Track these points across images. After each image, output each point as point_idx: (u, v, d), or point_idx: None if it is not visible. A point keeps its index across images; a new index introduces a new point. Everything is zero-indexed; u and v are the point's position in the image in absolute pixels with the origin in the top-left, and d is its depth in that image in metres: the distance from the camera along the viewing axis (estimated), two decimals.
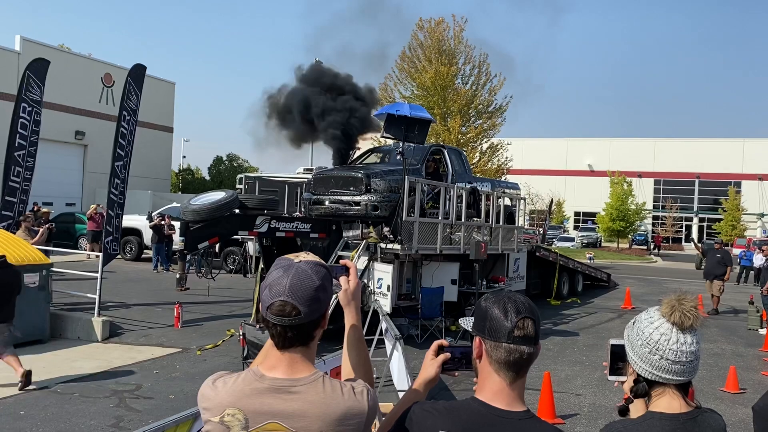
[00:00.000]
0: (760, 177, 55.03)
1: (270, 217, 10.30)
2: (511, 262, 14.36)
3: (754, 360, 10.69)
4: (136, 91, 11.73)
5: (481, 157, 26.88)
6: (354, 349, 1.88)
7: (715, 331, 13.11)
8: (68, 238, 22.21)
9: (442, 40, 26.16)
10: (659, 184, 59.31)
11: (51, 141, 29.90)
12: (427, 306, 10.98)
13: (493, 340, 1.65)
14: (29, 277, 9.61)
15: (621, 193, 45.94)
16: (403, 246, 10.26)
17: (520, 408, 1.65)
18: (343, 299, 1.88)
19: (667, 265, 35.71)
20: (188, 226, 9.53)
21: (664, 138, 60.73)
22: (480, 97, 26.70)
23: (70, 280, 12.73)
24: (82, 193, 32.73)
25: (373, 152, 14.04)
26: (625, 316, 14.63)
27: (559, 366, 9.52)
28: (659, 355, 1.78)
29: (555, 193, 53.98)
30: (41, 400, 7.08)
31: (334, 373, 4.59)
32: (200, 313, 12.25)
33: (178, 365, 8.83)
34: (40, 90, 13.12)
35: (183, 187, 48.05)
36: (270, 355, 1.67)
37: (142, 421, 6.24)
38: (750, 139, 57.33)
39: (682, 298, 1.81)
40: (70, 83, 30.90)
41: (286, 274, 1.61)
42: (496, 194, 13.72)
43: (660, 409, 1.80)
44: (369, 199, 10.76)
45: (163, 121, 38.01)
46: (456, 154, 13.86)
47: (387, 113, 10.95)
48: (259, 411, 1.58)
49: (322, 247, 11.39)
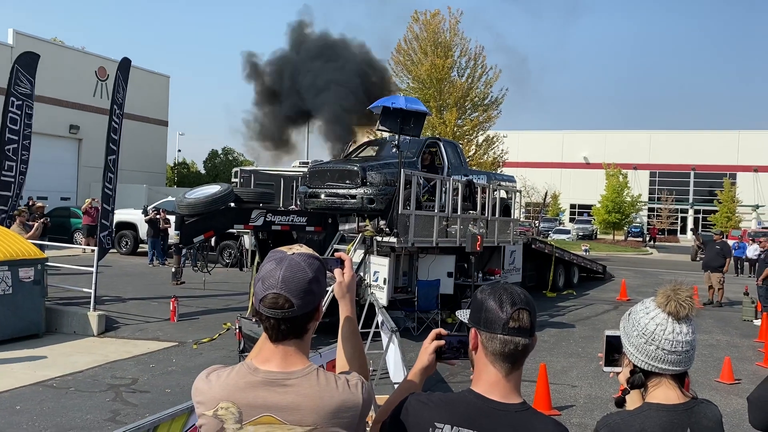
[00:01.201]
0: (755, 168, 55.17)
1: (266, 210, 10.27)
2: (507, 255, 14.38)
3: (748, 351, 10.73)
4: (123, 84, 11.70)
5: (476, 149, 26.84)
6: (349, 342, 1.87)
7: (710, 322, 13.16)
8: (63, 232, 22.13)
9: (437, 33, 26.07)
10: (655, 176, 59.41)
11: (45, 135, 29.75)
12: (424, 299, 11.00)
13: (488, 332, 1.64)
14: (24, 272, 9.58)
15: (617, 185, 46.03)
16: (399, 239, 10.26)
17: (516, 400, 1.65)
18: (338, 292, 1.87)
19: (662, 257, 35.82)
20: (183, 220, 9.50)
21: (659, 130, 60.87)
22: (476, 89, 26.64)
23: (65, 275, 12.70)
24: (77, 188, 32.57)
25: (369, 145, 14.01)
26: (620, 308, 14.68)
27: (554, 358, 9.55)
28: (655, 346, 1.78)
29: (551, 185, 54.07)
30: (37, 395, 7.07)
31: (330, 365, 4.58)
32: (196, 307, 12.24)
33: (174, 359, 8.82)
34: (31, 84, 13.05)
35: (178, 180, 47.91)
36: (264, 348, 1.66)
37: (139, 415, 6.23)
38: (745, 131, 57.46)
39: (677, 288, 1.81)
40: (64, 77, 30.72)
41: (279, 266, 1.60)
42: (492, 187, 13.73)
43: (656, 399, 1.80)
44: (365, 193, 10.75)
45: (158, 115, 37.84)
46: (452, 146, 13.84)
47: (383, 106, 10.93)
48: (252, 404, 1.57)
49: (318, 240, 11.38)
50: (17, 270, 9.52)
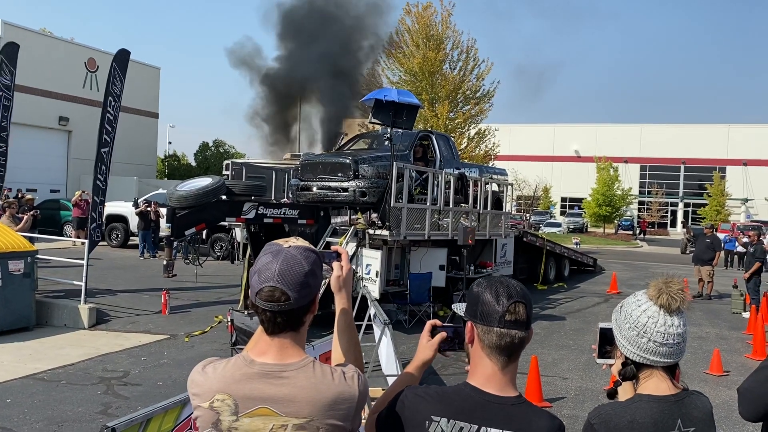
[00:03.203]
0: (744, 162, 55.54)
1: (257, 203, 10.25)
2: (498, 248, 14.43)
3: (737, 343, 10.84)
4: (121, 76, 11.58)
5: (468, 142, 26.86)
6: (344, 335, 1.87)
7: (700, 315, 13.27)
8: (53, 224, 22.01)
9: (429, 25, 26.00)
10: (645, 170, 59.69)
11: (34, 127, 29.53)
12: (416, 291, 11.02)
13: (484, 325, 1.65)
14: (14, 265, 9.52)
15: (607, 178, 46.23)
16: (392, 232, 10.26)
17: (512, 393, 1.65)
18: (335, 285, 1.86)
19: (652, 250, 36.04)
20: (175, 213, 9.45)
21: (650, 124, 61.11)
22: (468, 82, 26.63)
23: (55, 267, 12.63)
24: (67, 180, 32.34)
25: (361, 138, 13.98)
26: (611, 301, 14.78)
27: (546, 350, 9.61)
28: (647, 338, 1.80)
29: (542, 178, 54.26)
30: (28, 388, 7.04)
31: (323, 358, 4.59)
32: (188, 300, 12.21)
33: (165, 352, 8.80)
34: (12, 75, 12.91)
35: (169, 173, 47.67)
36: (260, 340, 1.66)
37: (130, 408, 6.22)
38: (735, 125, 57.75)
39: (668, 281, 1.83)
40: (52, 68, 30.44)
41: (275, 259, 1.60)
42: (484, 180, 13.75)
43: (648, 391, 1.81)
44: (357, 185, 10.74)
45: (148, 107, 37.60)
46: (444, 139, 13.84)
47: (375, 99, 10.90)
48: (249, 396, 1.57)
49: (310, 233, 11.36)
50: (7, 263, 9.46)
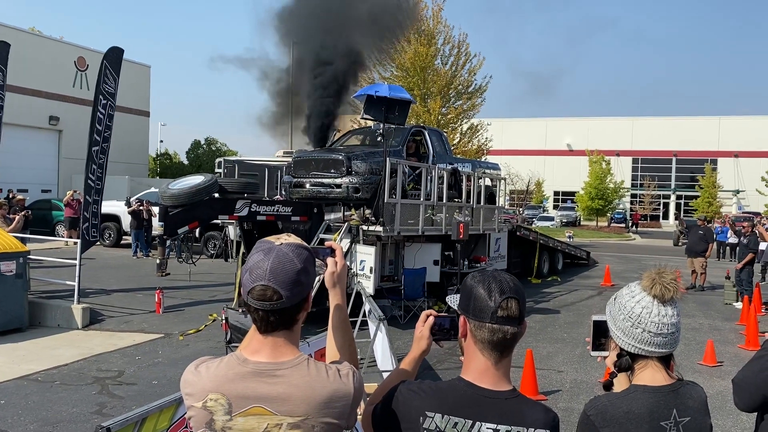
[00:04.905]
0: (735, 154, 55.78)
1: (250, 200, 10.22)
2: (492, 242, 14.45)
3: (730, 333, 10.90)
4: (113, 74, 11.48)
5: (461, 137, 26.86)
6: (339, 331, 1.86)
7: (693, 306, 13.34)
8: (45, 225, 21.88)
9: (420, 20, 25.95)
10: (637, 163, 59.89)
11: (24, 126, 29.32)
12: (410, 287, 11.03)
13: (477, 320, 1.64)
14: (6, 266, 9.46)
15: (599, 172, 46.39)
16: (385, 228, 10.26)
17: (505, 387, 1.65)
18: (329, 281, 1.84)
19: (645, 243, 36.19)
20: (167, 211, 9.42)
21: (641, 117, 61.31)
22: (460, 77, 26.62)
23: (48, 268, 12.57)
24: (58, 180, 32.16)
25: (354, 134, 13.97)
26: (604, 293, 14.83)
27: (540, 343, 9.63)
28: (641, 328, 1.81)
29: (534, 173, 54.34)
30: (22, 389, 7.00)
31: (318, 355, 4.59)
32: (181, 299, 12.17)
33: (160, 351, 8.77)
34: (2, 73, 12.81)
35: (161, 171, 47.51)
36: (253, 339, 1.64)
37: (125, 408, 6.19)
38: (726, 117, 57.99)
39: (661, 271, 1.84)
40: (42, 67, 30.22)
41: (266, 257, 1.58)
42: (477, 175, 13.75)
43: (643, 381, 1.82)
44: (350, 182, 10.73)
45: (139, 105, 37.40)
46: (436, 135, 13.84)
47: (366, 94, 10.87)
48: (242, 395, 1.56)
49: (303, 230, 11.35)
50: None
